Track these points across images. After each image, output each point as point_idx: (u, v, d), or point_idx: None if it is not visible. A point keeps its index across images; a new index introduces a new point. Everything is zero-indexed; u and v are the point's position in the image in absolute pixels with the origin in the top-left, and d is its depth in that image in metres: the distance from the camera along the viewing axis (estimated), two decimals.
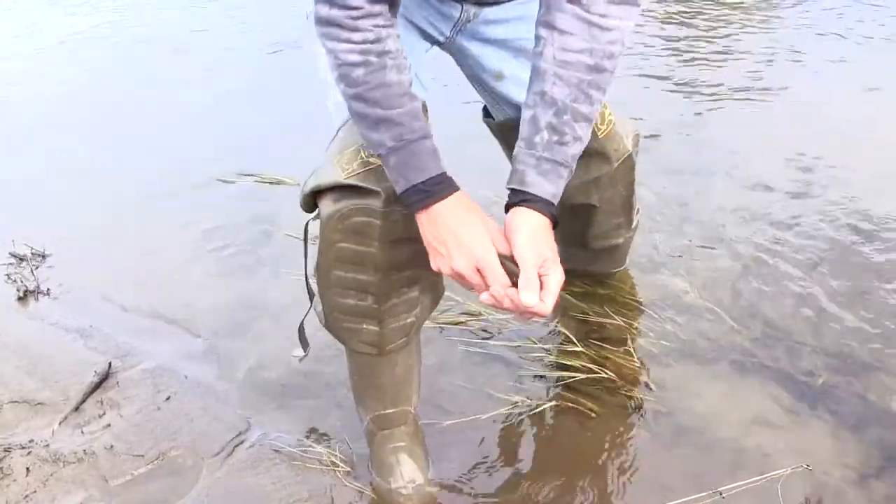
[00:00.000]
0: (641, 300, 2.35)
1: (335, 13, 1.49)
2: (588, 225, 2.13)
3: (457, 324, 2.29)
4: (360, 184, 1.58)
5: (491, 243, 1.50)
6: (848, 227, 2.66)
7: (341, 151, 1.63)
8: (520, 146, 1.57)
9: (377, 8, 1.50)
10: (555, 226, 1.56)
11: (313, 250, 1.73)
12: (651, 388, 2.06)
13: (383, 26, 1.50)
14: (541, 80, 1.55)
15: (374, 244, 1.61)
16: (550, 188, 1.54)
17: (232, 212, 2.93)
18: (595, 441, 1.95)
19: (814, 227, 2.66)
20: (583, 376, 2.09)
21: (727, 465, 1.86)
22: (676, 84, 3.71)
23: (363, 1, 1.49)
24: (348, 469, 1.91)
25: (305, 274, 1.82)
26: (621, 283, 2.39)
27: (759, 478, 1.79)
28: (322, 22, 1.51)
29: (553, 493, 1.84)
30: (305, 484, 1.88)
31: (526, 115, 1.57)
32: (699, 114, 3.45)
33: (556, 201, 1.55)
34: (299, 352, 1.92)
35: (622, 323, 2.24)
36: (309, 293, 1.83)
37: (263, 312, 2.43)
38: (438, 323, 2.26)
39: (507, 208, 1.56)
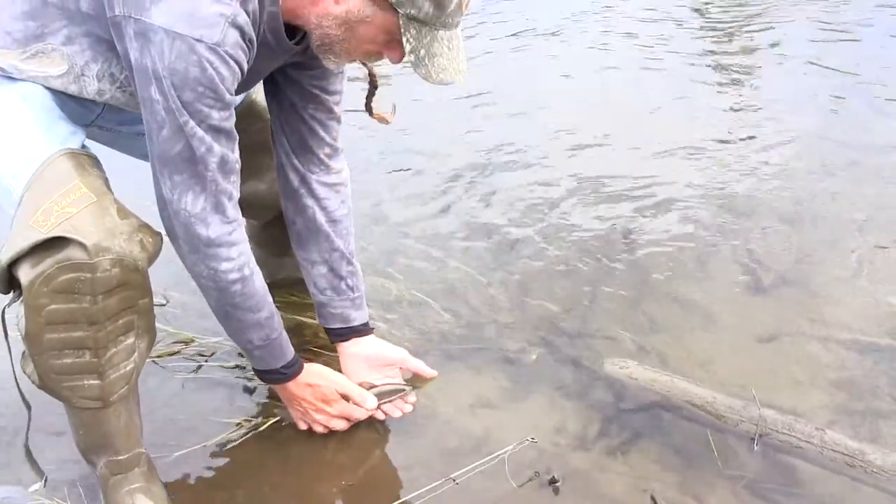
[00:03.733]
0: None
1: (217, 231, 1.68)
2: None
3: (171, 354, 2.30)
4: (68, 235, 1.55)
5: (335, 394, 2.01)
6: (539, 198, 2.97)
7: (33, 213, 1.58)
8: (329, 296, 2.06)
9: (239, 213, 1.73)
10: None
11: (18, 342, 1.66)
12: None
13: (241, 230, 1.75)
14: (324, 240, 2.02)
15: (87, 299, 1.60)
16: (365, 312, 2.11)
17: None
18: (324, 447, 2.05)
19: (503, 209, 2.96)
20: None
21: (457, 451, 2.02)
22: None
23: (234, 210, 1.71)
24: None
25: (14, 374, 1.73)
26: None
27: (486, 458, 1.96)
28: (204, 244, 1.68)
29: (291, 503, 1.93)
30: None
31: (320, 270, 2.05)
32: None
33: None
34: (37, 484, 1.84)
35: None
36: (25, 403, 1.76)
37: None
38: (152, 357, 2.25)
39: (335, 341, 2.10)
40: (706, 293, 2.55)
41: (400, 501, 1.88)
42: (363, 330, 2.11)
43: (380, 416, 2.07)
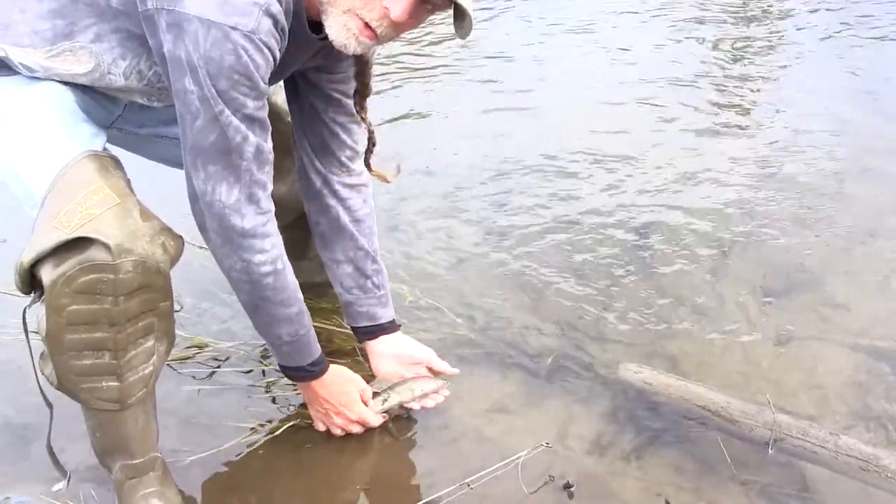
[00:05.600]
0: None
1: (251, 222, 1.69)
2: (311, 231, 2.25)
3: (186, 358, 2.30)
4: (91, 235, 1.55)
5: (357, 398, 2.02)
6: (553, 203, 2.99)
7: (56, 214, 1.59)
8: (355, 295, 2.09)
9: (272, 204, 1.74)
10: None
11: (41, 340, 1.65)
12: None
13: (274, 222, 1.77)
14: (349, 239, 2.05)
15: (108, 300, 1.60)
16: (392, 310, 2.13)
17: None
18: (341, 453, 2.05)
19: (517, 214, 2.97)
20: None
21: (472, 456, 2.02)
22: None
23: (268, 201, 1.72)
24: None
25: (36, 375, 1.72)
26: None
27: (501, 463, 1.96)
28: (239, 235, 1.69)
29: None
30: None
31: (346, 269, 2.08)
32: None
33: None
34: (61, 483, 1.84)
35: (351, 331, 2.35)
36: (47, 403, 1.76)
37: None
38: (167, 361, 2.25)
39: (363, 339, 2.14)
40: (721, 298, 2.56)
41: None
42: (390, 327, 2.14)
43: (429, 404, 2.11)
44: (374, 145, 1.94)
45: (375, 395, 2.08)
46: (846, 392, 2.18)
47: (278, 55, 1.65)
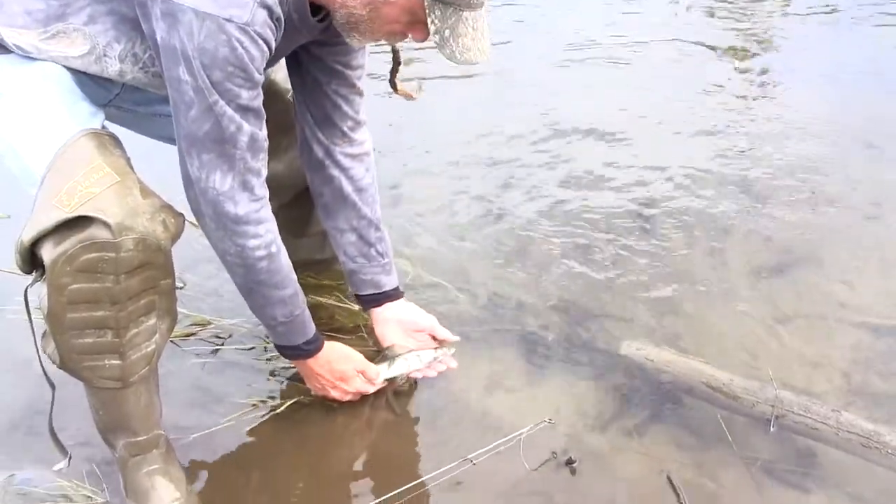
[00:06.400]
0: None
1: (245, 209, 1.71)
2: (311, 207, 2.28)
3: (188, 336, 2.31)
4: (92, 214, 1.55)
5: (353, 373, 2.03)
6: (555, 180, 2.98)
7: (56, 193, 1.58)
8: (360, 263, 2.10)
9: (266, 190, 1.75)
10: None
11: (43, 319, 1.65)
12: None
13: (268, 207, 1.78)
14: (351, 208, 2.05)
15: (109, 278, 1.60)
16: (395, 277, 2.15)
17: None
18: (344, 430, 2.07)
19: (520, 191, 2.96)
20: None
21: (475, 432, 2.03)
22: None
23: (262, 188, 1.73)
24: (104, 501, 1.88)
25: (38, 354, 1.72)
26: None
27: (503, 440, 1.97)
28: (233, 221, 1.71)
29: (310, 485, 1.94)
30: None
31: (349, 238, 2.08)
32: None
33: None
34: (62, 463, 1.84)
35: (353, 308, 2.36)
36: (49, 382, 1.76)
37: None
38: (170, 337, 2.25)
39: (368, 307, 2.15)
40: (723, 275, 2.55)
41: (417, 482, 1.89)
42: (394, 294, 2.15)
43: (431, 374, 2.13)
44: (398, 64, 1.91)
45: (381, 361, 2.09)
46: (848, 369, 2.18)
47: (273, 45, 1.65)
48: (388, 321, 2.15)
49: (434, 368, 2.14)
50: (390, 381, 2.10)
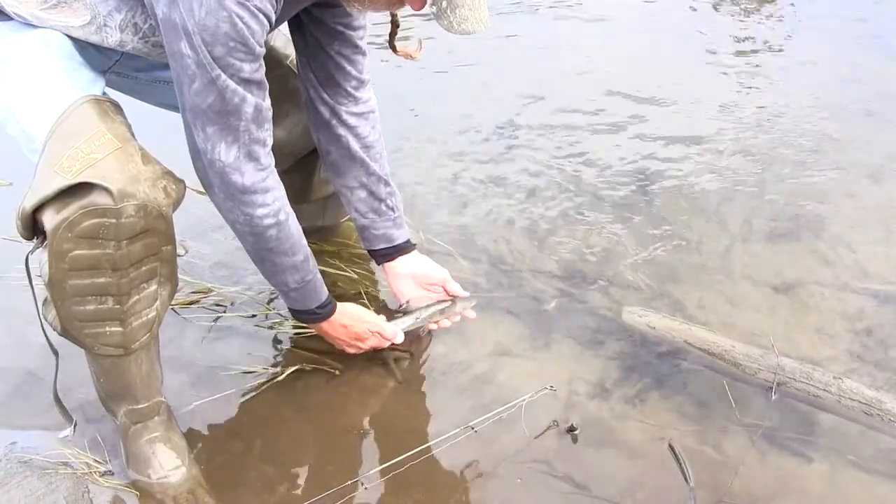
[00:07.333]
0: None
1: (251, 179, 1.70)
2: (312, 174, 2.29)
3: (190, 303, 2.30)
4: (93, 181, 1.54)
5: (367, 333, 2.03)
6: (556, 154, 2.97)
7: (58, 159, 1.57)
8: (371, 218, 2.11)
9: (273, 159, 1.75)
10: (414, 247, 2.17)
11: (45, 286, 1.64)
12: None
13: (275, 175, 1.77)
14: (360, 165, 2.06)
15: (111, 244, 1.59)
16: (406, 230, 2.17)
17: None
18: (345, 398, 2.07)
19: (522, 157, 2.96)
20: None
21: (477, 400, 2.03)
22: None
23: (268, 157, 1.73)
24: (105, 469, 1.89)
25: (41, 321, 1.72)
26: (346, 237, 2.51)
27: (505, 406, 1.97)
28: (240, 191, 1.71)
29: (311, 453, 1.95)
30: (60, 492, 1.84)
31: (360, 195, 2.09)
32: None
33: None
34: (67, 429, 1.85)
35: (354, 275, 2.36)
36: (52, 349, 1.76)
37: None
38: (171, 305, 2.25)
39: (381, 261, 2.16)
40: (724, 242, 2.55)
41: (419, 449, 1.89)
42: (407, 247, 2.17)
43: (446, 323, 2.17)
44: (397, 27, 1.90)
45: (401, 316, 2.12)
46: (850, 336, 2.18)
47: (274, 17, 1.64)
48: (402, 275, 2.16)
49: (450, 318, 2.16)
50: (408, 334, 2.12)
